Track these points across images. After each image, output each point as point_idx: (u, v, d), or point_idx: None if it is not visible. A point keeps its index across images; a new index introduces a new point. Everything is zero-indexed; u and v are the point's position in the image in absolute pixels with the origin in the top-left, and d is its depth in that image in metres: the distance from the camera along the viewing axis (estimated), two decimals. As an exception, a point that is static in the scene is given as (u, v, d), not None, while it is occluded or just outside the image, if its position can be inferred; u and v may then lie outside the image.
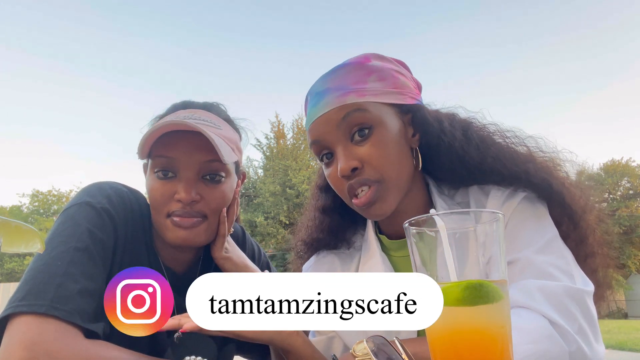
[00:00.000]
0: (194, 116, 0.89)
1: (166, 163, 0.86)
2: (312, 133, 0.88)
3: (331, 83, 0.87)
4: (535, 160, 0.88)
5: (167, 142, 0.85)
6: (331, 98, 0.85)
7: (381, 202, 0.84)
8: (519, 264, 0.76)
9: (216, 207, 0.89)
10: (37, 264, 0.73)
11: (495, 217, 0.46)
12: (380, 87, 0.87)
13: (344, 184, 0.85)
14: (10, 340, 0.66)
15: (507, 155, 0.87)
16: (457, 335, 0.44)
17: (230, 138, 0.93)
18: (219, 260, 0.94)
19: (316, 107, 0.87)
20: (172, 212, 0.85)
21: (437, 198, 0.91)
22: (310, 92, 0.91)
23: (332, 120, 0.84)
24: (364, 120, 0.83)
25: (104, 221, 0.81)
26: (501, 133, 0.91)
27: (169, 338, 0.92)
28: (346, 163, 0.82)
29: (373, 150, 0.83)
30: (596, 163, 27.50)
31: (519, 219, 0.82)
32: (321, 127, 0.86)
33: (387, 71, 0.89)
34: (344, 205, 0.97)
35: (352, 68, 0.88)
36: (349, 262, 1.02)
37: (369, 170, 0.83)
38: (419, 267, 0.48)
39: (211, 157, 0.86)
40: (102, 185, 0.88)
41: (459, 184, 0.92)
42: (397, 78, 0.90)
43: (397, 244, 0.96)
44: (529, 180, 0.84)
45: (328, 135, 0.85)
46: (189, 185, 0.85)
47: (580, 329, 0.69)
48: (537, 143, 0.91)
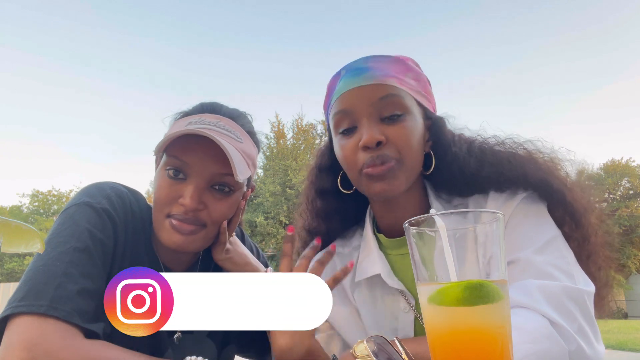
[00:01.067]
0: (219, 124, 0.88)
1: (179, 165, 0.85)
2: (344, 102, 0.89)
3: (373, 64, 0.89)
4: (534, 161, 0.89)
5: (184, 145, 0.84)
6: (373, 74, 0.87)
7: (393, 179, 0.85)
8: (519, 264, 0.76)
9: (218, 218, 0.88)
10: (37, 264, 0.73)
11: (495, 217, 0.46)
12: (415, 85, 0.91)
13: (361, 156, 0.86)
14: (10, 340, 0.66)
15: (505, 160, 0.89)
16: (457, 335, 0.44)
17: (249, 153, 0.92)
18: (220, 262, 0.95)
19: (355, 78, 0.88)
20: (172, 214, 0.85)
21: (434, 200, 0.92)
22: (346, 67, 0.92)
23: (369, 96, 0.86)
24: (398, 106, 0.86)
25: (103, 221, 0.81)
26: (501, 143, 0.94)
27: (170, 338, 0.92)
28: (373, 135, 0.84)
29: (400, 132, 0.86)
30: (596, 163, 27.51)
31: (518, 219, 0.82)
32: (355, 99, 0.87)
33: (422, 76, 0.95)
34: (343, 187, 0.99)
35: (393, 60, 0.91)
36: (347, 262, 1.03)
37: (390, 148, 0.85)
38: (418, 267, 0.48)
39: (225, 170, 0.85)
40: (101, 186, 0.88)
41: (458, 194, 0.94)
42: (427, 85, 0.96)
43: (394, 243, 0.97)
44: (528, 181, 0.85)
45: (359, 108, 0.86)
46: (195, 192, 0.84)
47: (580, 329, 0.69)
48: (535, 145, 0.92)
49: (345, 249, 1.07)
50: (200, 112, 0.94)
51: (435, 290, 0.45)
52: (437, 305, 0.45)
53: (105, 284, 0.78)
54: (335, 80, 0.94)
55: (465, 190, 0.91)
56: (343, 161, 0.91)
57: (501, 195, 0.87)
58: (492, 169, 0.88)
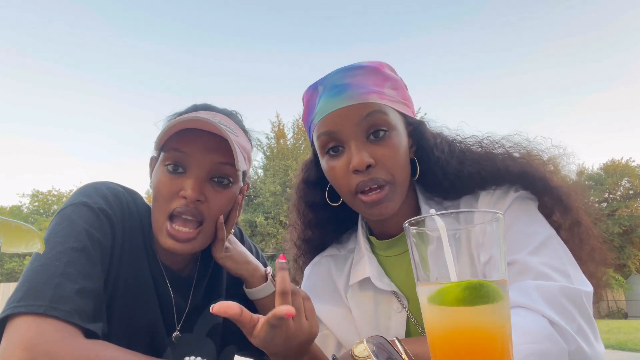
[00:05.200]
0: (214, 118, 0.88)
1: (179, 158, 0.86)
2: (327, 124, 0.88)
3: (351, 79, 0.88)
4: (512, 156, 0.90)
5: (184, 138, 0.85)
6: (354, 93, 0.86)
7: (388, 202, 0.86)
8: (515, 265, 0.76)
9: (216, 212, 0.89)
10: (35, 264, 0.73)
11: (495, 217, 0.46)
12: (394, 95, 0.90)
13: (353, 178, 0.86)
14: (10, 340, 0.66)
15: (485, 158, 0.90)
16: (457, 335, 0.44)
17: (245, 147, 0.93)
18: (220, 260, 0.95)
19: (335, 98, 0.87)
20: (173, 209, 0.85)
21: (423, 204, 0.93)
22: (323, 83, 0.91)
23: (352, 116, 0.85)
24: (383, 123, 0.86)
25: (101, 221, 0.81)
26: (479, 143, 0.95)
27: (169, 337, 0.91)
28: (362, 158, 0.83)
29: (387, 152, 0.85)
30: (596, 163, 27.52)
31: (511, 220, 0.83)
32: (339, 119, 0.86)
33: (399, 82, 0.94)
34: (331, 200, 0.99)
35: (370, 71, 0.90)
36: (342, 265, 1.05)
37: (381, 170, 0.85)
38: (418, 267, 0.47)
39: (224, 159, 0.86)
40: (98, 186, 0.87)
41: (446, 196, 0.94)
42: (405, 91, 0.95)
43: (385, 244, 0.97)
44: (510, 173, 0.86)
45: (345, 129, 0.86)
46: (196, 183, 0.85)
47: (579, 329, 0.69)
48: (511, 141, 0.93)
49: (341, 251, 1.08)
50: (194, 110, 0.96)
51: (435, 290, 0.45)
52: (437, 305, 0.45)
53: (103, 283, 0.78)
54: (313, 95, 0.93)
55: (452, 191, 0.92)
56: (334, 183, 0.92)
57: (492, 196, 0.87)
58: (473, 167, 0.89)
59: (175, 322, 0.93)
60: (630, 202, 26.01)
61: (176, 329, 0.93)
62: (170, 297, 0.92)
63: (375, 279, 0.93)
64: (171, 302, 0.92)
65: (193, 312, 0.97)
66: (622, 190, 26.95)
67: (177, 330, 0.93)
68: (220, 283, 1.04)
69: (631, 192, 26.55)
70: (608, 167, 27.10)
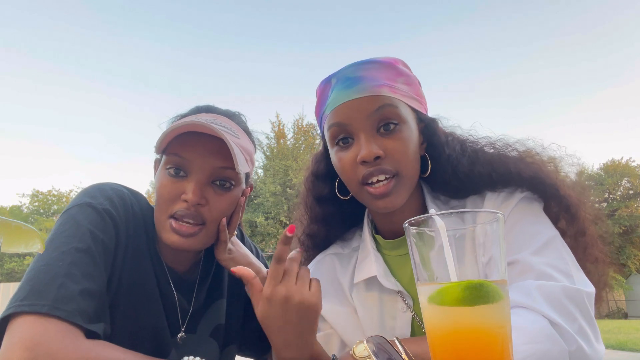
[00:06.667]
0: (216, 121, 0.89)
1: (180, 162, 0.86)
2: (338, 115, 0.88)
3: (364, 72, 0.89)
4: (525, 160, 0.90)
5: (184, 142, 0.85)
6: (366, 86, 0.87)
7: (395, 195, 0.86)
8: (518, 265, 0.76)
9: (218, 215, 0.89)
10: (39, 264, 0.73)
11: (495, 217, 0.46)
12: (407, 90, 0.90)
13: (360, 169, 0.86)
14: (12, 340, 0.66)
15: (497, 160, 0.90)
16: (457, 335, 0.44)
17: (247, 149, 0.93)
18: (223, 262, 0.95)
19: (347, 90, 0.88)
20: (175, 212, 0.85)
21: (430, 203, 0.93)
22: (337, 76, 0.92)
23: (364, 108, 0.86)
24: (393, 116, 0.86)
25: (105, 222, 0.81)
26: (492, 144, 0.95)
27: (173, 338, 0.92)
28: (371, 149, 0.84)
29: (396, 145, 0.86)
30: (596, 163, 27.52)
31: (516, 220, 0.83)
32: (351, 111, 0.87)
33: (412, 78, 0.94)
34: (340, 193, 0.99)
35: (383, 66, 0.90)
36: (346, 263, 1.04)
37: (389, 162, 0.85)
38: (418, 267, 0.48)
39: (225, 164, 0.86)
40: (102, 187, 0.88)
41: (454, 195, 0.95)
42: (418, 88, 0.95)
43: (391, 244, 0.97)
44: (521, 178, 0.86)
45: (355, 121, 0.86)
46: (198, 187, 0.85)
47: (580, 329, 0.69)
48: (525, 145, 0.94)
49: (345, 250, 1.07)
50: (196, 113, 0.96)
51: (435, 290, 0.45)
52: (437, 305, 0.45)
53: (106, 284, 0.78)
54: (326, 88, 0.93)
55: (461, 190, 0.92)
56: (342, 174, 0.92)
57: (498, 196, 0.88)
58: (485, 168, 0.89)
59: (180, 324, 0.93)
60: (630, 202, 26.00)
61: (181, 330, 0.93)
62: (174, 298, 0.92)
63: (381, 277, 0.93)
64: (175, 303, 0.92)
65: (196, 313, 0.97)
66: (622, 190, 26.95)
67: (182, 331, 0.93)
68: (222, 284, 1.04)
69: (631, 192, 26.54)
70: (608, 167, 27.10)
